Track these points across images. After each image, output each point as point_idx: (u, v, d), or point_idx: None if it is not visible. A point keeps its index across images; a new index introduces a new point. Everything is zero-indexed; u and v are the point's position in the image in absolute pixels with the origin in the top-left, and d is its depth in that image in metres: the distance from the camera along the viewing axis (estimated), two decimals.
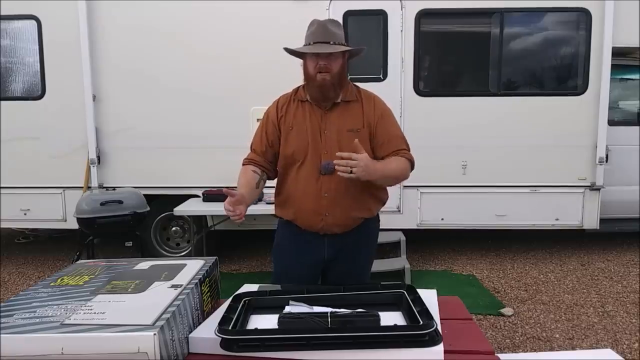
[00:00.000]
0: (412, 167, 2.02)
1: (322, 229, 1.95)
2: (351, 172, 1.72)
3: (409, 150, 2.02)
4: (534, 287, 4.08)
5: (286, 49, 1.96)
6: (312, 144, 1.92)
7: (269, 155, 2.01)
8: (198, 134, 4.54)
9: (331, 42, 1.87)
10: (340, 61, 1.91)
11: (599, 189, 4.54)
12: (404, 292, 1.51)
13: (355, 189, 1.92)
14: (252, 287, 1.71)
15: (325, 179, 1.91)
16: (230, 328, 1.31)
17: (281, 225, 2.10)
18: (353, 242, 2.00)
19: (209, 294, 1.57)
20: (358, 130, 1.92)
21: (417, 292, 1.50)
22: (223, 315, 1.37)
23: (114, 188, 4.38)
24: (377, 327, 1.29)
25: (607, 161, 4.50)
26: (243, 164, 2.01)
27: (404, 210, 4.62)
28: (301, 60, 1.96)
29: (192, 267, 1.62)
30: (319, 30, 1.89)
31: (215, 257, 1.75)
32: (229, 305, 1.47)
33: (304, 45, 1.91)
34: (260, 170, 1.97)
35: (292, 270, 2.01)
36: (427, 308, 1.38)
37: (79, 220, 3.82)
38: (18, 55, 4.69)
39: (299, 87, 2.04)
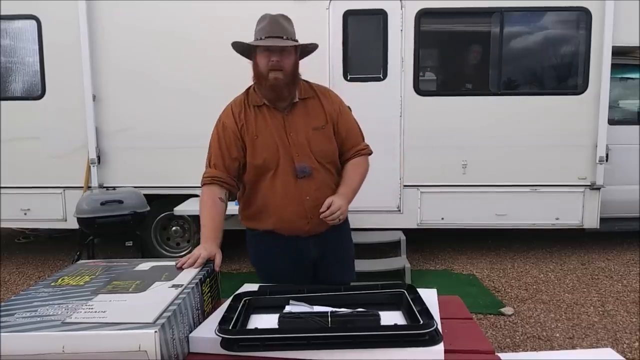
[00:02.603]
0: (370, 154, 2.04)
1: (308, 231, 1.91)
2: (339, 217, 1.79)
3: (363, 139, 2.04)
4: (534, 287, 4.08)
5: (234, 44, 1.88)
6: (282, 149, 1.84)
7: (233, 170, 1.88)
8: (198, 134, 4.48)
9: (284, 37, 1.79)
10: (293, 58, 1.83)
11: (599, 189, 4.54)
12: (404, 292, 1.51)
13: (332, 187, 1.91)
14: (252, 287, 1.71)
15: (304, 182, 1.85)
16: (230, 328, 1.31)
17: (257, 237, 1.99)
18: (336, 238, 2.00)
19: (209, 293, 1.57)
20: (323, 127, 1.90)
21: (417, 292, 1.50)
22: (223, 315, 1.37)
23: (114, 188, 4.38)
24: (377, 326, 1.29)
25: (607, 160, 4.50)
26: (204, 184, 1.89)
27: (404, 210, 4.62)
28: (250, 60, 1.88)
29: (192, 268, 1.62)
30: (271, 25, 1.80)
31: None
32: (229, 305, 1.47)
33: (255, 40, 1.81)
34: (225, 192, 1.87)
35: (284, 280, 1.92)
36: (427, 307, 1.38)
37: (79, 220, 3.82)
38: (18, 55, 4.69)
39: (248, 89, 1.95)
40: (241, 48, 1.89)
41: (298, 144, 1.86)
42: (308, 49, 1.91)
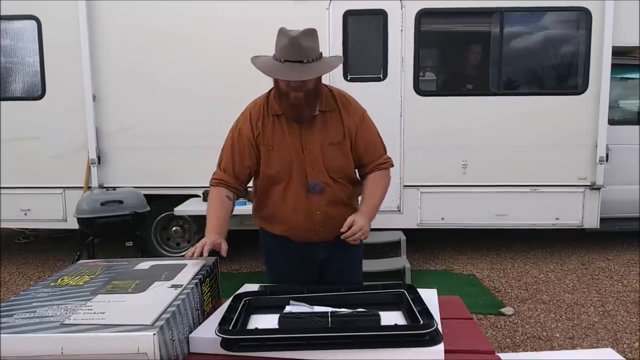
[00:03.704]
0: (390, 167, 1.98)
1: (317, 240, 1.92)
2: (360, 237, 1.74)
3: (385, 151, 1.96)
4: (535, 287, 4.08)
5: (254, 61, 1.77)
6: (296, 162, 1.82)
7: (242, 177, 1.88)
8: (198, 134, 4.54)
9: (304, 61, 1.65)
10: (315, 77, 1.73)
11: (599, 189, 4.54)
12: (404, 292, 1.51)
13: (344, 199, 1.91)
14: (252, 287, 1.71)
15: (315, 197, 1.84)
16: (230, 328, 1.31)
17: (269, 238, 2.01)
18: (345, 243, 1.99)
19: (209, 293, 1.57)
20: (340, 143, 1.84)
21: (417, 292, 1.50)
22: (223, 315, 1.37)
23: (114, 188, 4.38)
24: (378, 326, 1.29)
25: (607, 160, 4.49)
26: (212, 184, 1.89)
27: (404, 210, 4.62)
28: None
29: (193, 267, 1.62)
30: (290, 47, 1.65)
31: (215, 257, 1.75)
32: (230, 305, 1.47)
33: (273, 59, 1.69)
34: (232, 192, 1.87)
35: (289, 279, 1.96)
36: (427, 307, 1.38)
37: (79, 220, 3.82)
38: (18, 55, 4.69)
39: (268, 95, 1.87)
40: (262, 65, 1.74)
41: (313, 158, 1.82)
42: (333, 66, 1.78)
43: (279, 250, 2.00)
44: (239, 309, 1.45)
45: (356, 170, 1.96)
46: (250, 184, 1.99)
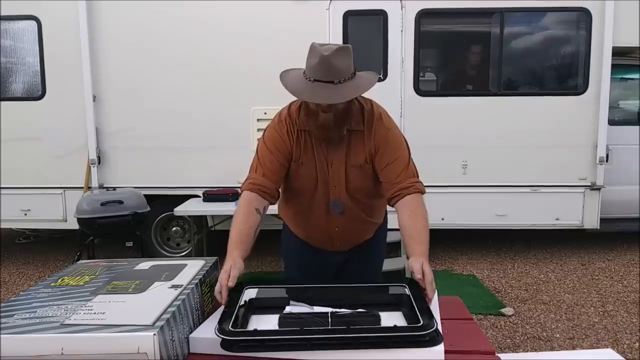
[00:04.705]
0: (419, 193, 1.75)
1: (332, 250, 1.93)
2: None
3: (413, 175, 1.73)
4: (535, 287, 4.08)
5: (283, 78, 1.64)
6: (321, 180, 1.77)
7: (279, 184, 1.77)
8: (198, 134, 4.54)
9: (335, 82, 1.54)
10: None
11: (599, 189, 4.54)
12: (404, 292, 1.51)
13: (364, 217, 1.88)
14: (252, 288, 1.70)
15: (336, 216, 1.82)
16: (230, 328, 1.31)
17: (289, 233, 2.01)
18: (365, 248, 1.98)
19: (209, 294, 1.57)
20: (361, 166, 1.75)
21: (417, 285, 1.48)
22: (223, 311, 1.37)
23: (114, 188, 4.37)
24: (378, 327, 1.29)
25: (607, 161, 4.50)
26: (248, 189, 1.70)
27: None
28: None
29: (193, 268, 1.61)
30: (321, 67, 1.53)
31: (215, 258, 1.75)
32: (230, 297, 1.45)
33: (303, 76, 1.59)
34: (265, 204, 1.71)
35: (305, 277, 1.96)
36: (427, 308, 1.38)
37: (80, 220, 3.82)
38: (18, 56, 4.70)
39: (300, 107, 1.73)
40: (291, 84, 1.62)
41: (336, 177, 1.76)
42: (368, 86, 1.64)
43: (296, 247, 2.00)
44: (237, 307, 1.44)
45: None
46: None
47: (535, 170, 4.55)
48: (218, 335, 1.25)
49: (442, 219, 4.62)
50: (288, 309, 1.41)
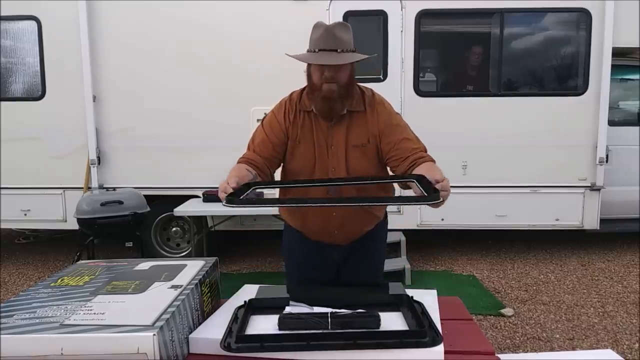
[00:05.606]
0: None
1: (330, 243, 1.92)
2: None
3: (424, 150, 1.85)
4: (534, 288, 4.08)
5: (288, 55, 1.81)
6: (319, 161, 1.81)
7: (273, 162, 1.84)
8: (198, 135, 4.54)
9: (338, 50, 1.68)
10: (349, 70, 1.74)
11: (599, 189, 4.54)
12: (404, 292, 1.51)
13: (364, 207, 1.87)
14: (252, 288, 1.70)
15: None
16: (230, 328, 1.31)
17: (288, 228, 2.03)
18: (364, 245, 1.97)
19: (209, 294, 1.57)
20: (363, 146, 1.81)
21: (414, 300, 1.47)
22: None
23: (114, 188, 4.37)
24: (378, 327, 1.29)
25: (607, 161, 4.50)
26: (238, 162, 1.82)
27: (404, 211, 4.61)
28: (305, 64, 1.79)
29: (192, 268, 1.62)
30: (325, 37, 1.68)
31: (215, 258, 1.75)
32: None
33: (308, 51, 1.73)
34: (254, 173, 1.76)
35: (305, 275, 1.97)
36: (427, 308, 1.38)
37: (79, 220, 3.82)
38: (18, 56, 4.69)
39: (302, 91, 1.87)
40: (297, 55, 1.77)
41: (336, 159, 1.81)
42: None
43: (296, 243, 2.00)
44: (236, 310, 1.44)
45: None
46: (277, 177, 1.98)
47: (535, 171, 4.55)
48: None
49: (442, 220, 4.62)
50: (288, 310, 1.41)
